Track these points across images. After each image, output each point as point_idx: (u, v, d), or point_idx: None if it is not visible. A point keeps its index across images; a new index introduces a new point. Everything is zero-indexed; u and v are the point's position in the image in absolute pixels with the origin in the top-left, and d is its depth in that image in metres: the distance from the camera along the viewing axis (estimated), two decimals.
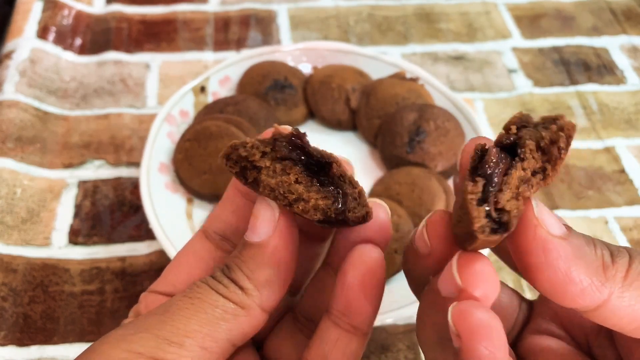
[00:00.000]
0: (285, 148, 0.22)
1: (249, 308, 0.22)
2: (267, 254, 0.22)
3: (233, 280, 0.22)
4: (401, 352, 0.42)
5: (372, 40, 0.67)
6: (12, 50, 0.60)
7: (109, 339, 0.21)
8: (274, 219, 0.23)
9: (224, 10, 0.69)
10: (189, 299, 0.22)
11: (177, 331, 0.21)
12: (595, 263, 0.20)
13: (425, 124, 0.50)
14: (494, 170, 0.19)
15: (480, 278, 0.19)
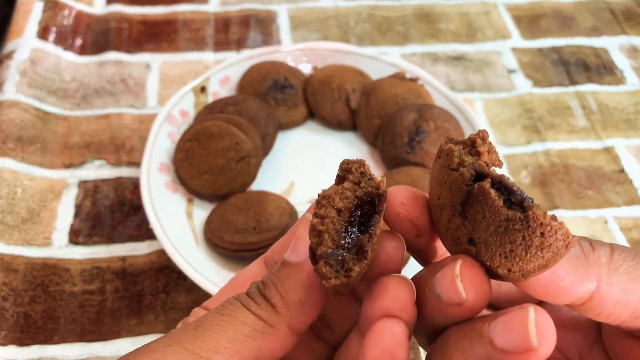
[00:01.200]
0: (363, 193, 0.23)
1: (277, 327, 0.22)
2: (303, 275, 0.23)
3: (265, 297, 0.23)
4: None
5: (372, 40, 0.67)
6: (12, 50, 0.60)
7: (142, 350, 0.22)
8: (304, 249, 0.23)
9: (224, 11, 0.69)
10: (221, 315, 0.22)
11: (207, 347, 0.21)
12: (575, 254, 0.21)
13: (425, 124, 0.50)
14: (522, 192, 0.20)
15: (548, 335, 0.19)
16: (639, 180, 0.54)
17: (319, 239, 0.22)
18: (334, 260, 0.22)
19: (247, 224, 0.43)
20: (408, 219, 0.23)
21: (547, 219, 0.19)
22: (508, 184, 0.20)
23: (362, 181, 0.23)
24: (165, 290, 0.44)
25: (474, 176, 0.21)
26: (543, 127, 0.58)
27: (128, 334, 0.42)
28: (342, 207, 0.23)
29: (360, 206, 0.23)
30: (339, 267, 0.22)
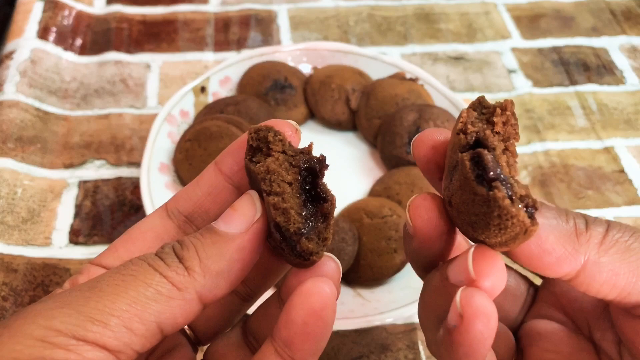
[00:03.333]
0: (303, 162, 0.23)
1: (185, 292, 0.20)
2: (231, 248, 0.21)
3: (180, 258, 0.21)
4: (401, 352, 0.42)
5: (372, 40, 0.67)
6: (12, 50, 0.60)
7: (25, 313, 0.19)
8: (252, 219, 0.22)
9: (224, 11, 0.69)
10: (121, 275, 0.20)
11: (103, 308, 0.19)
12: (567, 232, 0.21)
13: (425, 124, 0.50)
14: (499, 172, 0.20)
15: (491, 272, 0.21)
16: (639, 180, 0.54)
17: (286, 217, 0.22)
18: (314, 234, 0.22)
19: None
20: (435, 162, 0.24)
21: (505, 203, 0.19)
22: (484, 160, 0.20)
23: (287, 149, 0.23)
24: None
25: (472, 144, 0.21)
26: (543, 127, 0.58)
27: None
28: (291, 180, 0.22)
29: (304, 175, 0.23)
30: (318, 240, 0.22)
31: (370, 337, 0.43)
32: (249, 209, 0.22)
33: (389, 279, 0.44)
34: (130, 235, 0.25)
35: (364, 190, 0.49)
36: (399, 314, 0.40)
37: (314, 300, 0.21)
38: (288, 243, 0.22)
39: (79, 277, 0.23)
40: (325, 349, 0.42)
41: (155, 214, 0.25)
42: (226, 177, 0.25)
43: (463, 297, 0.20)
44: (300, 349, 0.21)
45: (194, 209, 0.25)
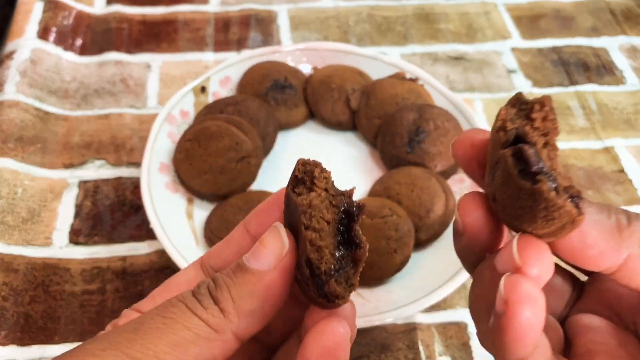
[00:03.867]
0: (343, 204, 0.23)
1: (223, 333, 0.21)
2: (262, 285, 0.22)
3: (215, 299, 0.22)
4: (401, 352, 0.42)
5: (372, 40, 0.67)
6: (13, 50, 0.60)
7: (77, 352, 0.20)
8: (280, 253, 0.22)
9: (225, 11, 0.69)
10: (162, 317, 0.21)
11: (147, 351, 0.20)
12: (609, 227, 0.22)
13: (424, 124, 0.50)
14: (542, 165, 0.21)
15: (538, 260, 0.21)
16: (639, 180, 0.54)
17: (320, 255, 0.21)
18: (343, 278, 0.22)
19: None
20: (476, 160, 0.25)
21: (551, 195, 0.20)
22: (526, 154, 0.21)
23: (330, 188, 0.23)
24: None
25: (512, 140, 0.22)
26: None
27: None
28: (329, 219, 0.22)
29: (341, 216, 0.23)
30: (345, 284, 0.22)
31: (370, 337, 0.43)
32: (276, 243, 0.22)
33: (389, 279, 0.44)
34: (167, 286, 0.26)
35: (364, 190, 0.50)
36: (399, 314, 0.40)
37: (327, 339, 0.21)
38: (316, 281, 0.22)
39: (119, 321, 0.24)
40: None
41: (191, 267, 0.26)
42: (252, 237, 0.26)
43: (507, 284, 0.21)
44: None
45: (223, 265, 0.25)
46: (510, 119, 0.22)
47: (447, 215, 0.45)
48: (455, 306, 0.45)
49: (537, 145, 0.21)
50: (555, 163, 0.21)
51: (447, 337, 0.43)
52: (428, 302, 0.40)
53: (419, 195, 0.46)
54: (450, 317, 0.44)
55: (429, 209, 0.45)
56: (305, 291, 0.23)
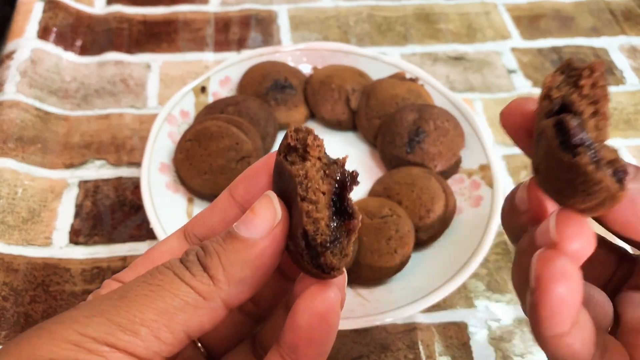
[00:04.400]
0: (337, 174, 0.23)
1: (211, 300, 0.21)
2: (253, 254, 0.21)
3: (204, 266, 0.21)
4: (401, 352, 0.42)
5: (372, 40, 0.67)
6: (13, 50, 0.60)
7: (61, 319, 0.20)
8: (273, 223, 0.22)
9: (225, 11, 0.69)
10: (149, 285, 0.21)
11: (133, 318, 0.20)
12: None
13: (424, 124, 0.50)
14: (584, 137, 0.20)
15: (575, 235, 0.21)
16: None
17: (316, 227, 0.21)
18: (337, 249, 0.22)
19: None
20: (525, 130, 0.24)
21: (590, 169, 0.19)
22: (568, 125, 0.20)
23: (322, 157, 0.23)
24: None
25: (558, 109, 0.21)
26: None
27: None
28: (324, 190, 0.22)
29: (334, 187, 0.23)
30: (340, 255, 0.22)
31: (370, 337, 0.43)
32: (269, 212, 0.22)
33: (389, 279, 0.44)
34: (149, 256, 0.25)
35: (364, 190, 0.50)
36: (399, 314, 0.40)
37: (318, 304, 0.21)
38: (311, 253, 0.21)
39: (101, 292, 0.24)
40: None
41: (174, 237, 0.26)
42: (238, 204, 0.25)
43: (540, 259, 0.21)
44: (305, 353, 0.21)
45: (208, 234, 0.25)
46: (557, 86, 0.21)
47: (447, 215, 0.46)
48: (455, 306, 0.45)
49: (585, 114, 0.20)
50: (603, 134, 0.20)
51: (447, 337, 0.43)
52: (428, 302, 0.40)
53: (419, 196, 0.46)
54: (450, 317, 0.44)
55: (429, 209, 0.45)
56: (298, 261, 0.22)
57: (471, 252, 0.42)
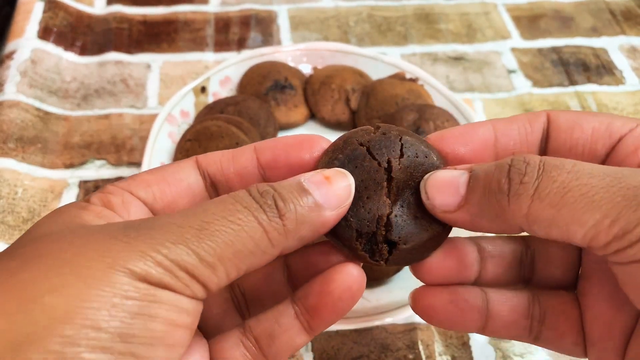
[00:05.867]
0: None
1: (277, 248, 0.21)
2: (320, 220, 0.22)
3: (280, 213, 0.21)
4: (401, 352, 0.42)
5: (372, 40, 0.67)
6: (13, 50, 0.60)
7: (143, 237, 0.19)
8: (344, 200, 0.23)
9: (225, 11, 0.69)
10: (228, 222, 0.20)
11: (214, 254, 0.20)
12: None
13: (424, 124, 0.50)
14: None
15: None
16: None
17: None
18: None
19: None
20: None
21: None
22: None
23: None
24: None
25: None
26: None
27: None
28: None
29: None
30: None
31: (370, 337, 0.43)
32: (345, 190, 0.23)
33: (389, 279, 0.44)
34: (165, 176, 0.25)
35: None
36: (399, 313, 0.40)
37: (352, 279, 0.23)
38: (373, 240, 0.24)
39: (111, 198, 0.23)
40: (325, 349, 0.43)
41: (190, 167, 0.25)
42: (260, 167, 0.25)
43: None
44: (323, 320, 0.23)
45: (222, 180, 0.25)
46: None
47: None
48: None
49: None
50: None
51: (447, 336, 0.43)
52: None
53: None
54: None
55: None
56: (348, 238, 0.24)
57: None
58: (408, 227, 0.24)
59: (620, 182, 0.19)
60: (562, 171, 0.20)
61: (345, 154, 0.24)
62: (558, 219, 0.20)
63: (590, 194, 0.19)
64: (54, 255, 0.18)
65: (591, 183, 0.20)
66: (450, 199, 0.23)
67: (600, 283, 0.24)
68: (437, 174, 0.24)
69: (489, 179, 0.22)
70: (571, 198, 0.20)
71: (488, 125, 0.25)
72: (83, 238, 0.19)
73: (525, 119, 0.25)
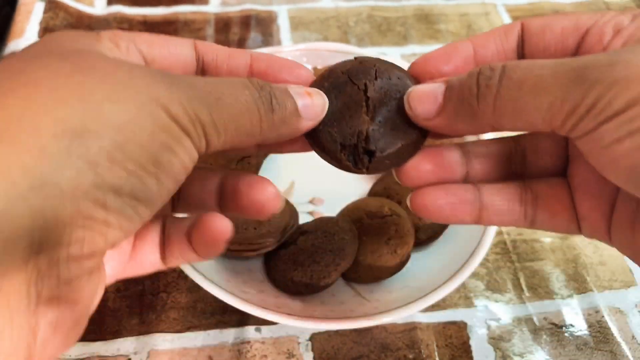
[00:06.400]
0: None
1: (261, 137, 0.25)
2: (293, 125, 0.26)
3: (278, 102, 0.25)
4: (401, 351, 0.42)
5: (372, 41, 0.67)
6: (13, 51, 0.60)
7: (189, 90, 0.22)
8: (319, 115, 0.27)
9: (225, 11, 0.69)
10: (238, 102, 0.23)
11: (223, 122, 0.23)
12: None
13: None
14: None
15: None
16: None
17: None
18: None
19: (247, 223, 0.43)
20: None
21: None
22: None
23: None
24: (166, 290, 0.45)
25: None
26: None
27: (129, 334, 0.42)
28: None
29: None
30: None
31: (370, 337, 0.43)
32: (321, 107, 0.27)
33: (389, 279, 0.44)
34: (167, 44, 0.27)
35: (364, 190, 0.50)
36: (399, 313, 0.40)
37: (216, 225, 0.27)
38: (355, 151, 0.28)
39: (119, 42, 0.25)
40: (325, 349, 0.43)
41: (190, 47, 0.28)
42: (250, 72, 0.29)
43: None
44: (174, 253, 0.28)
45: (212, 71, 0.28)
46: None
47: None
48: (455, 306, 0.45)
49: None
50: None
51: (446, 336, 0.43)
52: (428, 301, 0.40)
53: None
54: (450, 316, 0.44)
55: None
56: (334, 150, 0.28)
57: (470, 252, 0.42)
58: (384, 138, 0.28)
59: (565, 67, 0.22)
60: (518, 69, 0.23)
61: (330, 82, 0.29)
62: (519, 110, 0.23)
63: (541, 83, 0.22)
64: (106, 70, 0.20)
65: (542, 73, 0.22)
66: (430, 107, 0.27)
67: (584, 162, 0.26)
68: (418, 87, 0.27)
69: (461, 86, 0.25)
70: (526, 89, 0.22)
71: (467, 42, 0.29)
72: (131, 68, 0.21)
73: (501, 30, 0.28)
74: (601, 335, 0.44)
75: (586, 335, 0.44)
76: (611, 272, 0.48)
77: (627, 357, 0.42)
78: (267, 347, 0.42)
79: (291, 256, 0.42)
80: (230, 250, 0.43)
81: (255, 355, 0.41)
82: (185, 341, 0.42)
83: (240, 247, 0.42)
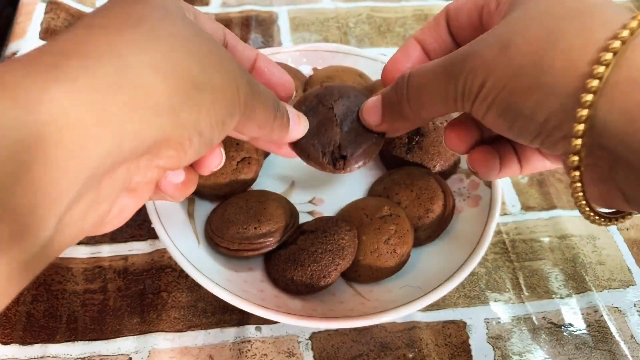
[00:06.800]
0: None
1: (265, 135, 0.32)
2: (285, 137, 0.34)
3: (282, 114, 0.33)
4: (400, 350, 0.42)
5: (372, 41, 0.67)
6: (15, 51, 0.60)
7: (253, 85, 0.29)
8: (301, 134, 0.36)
9: (225, 12, 0.69)
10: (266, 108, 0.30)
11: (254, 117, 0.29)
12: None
13: (424, 125, 0.50)
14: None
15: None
16: None
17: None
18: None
19: (247, 223, 0.43)
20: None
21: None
22: None
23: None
24: (166, 289, 0.45)
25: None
26: None
27: (130, 333, 0.42)
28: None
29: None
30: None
31: (370, 336, 0.43)
32: (303, 130, 0.36)
33: (388, 279, 0.44)
34: (209, 16, 0.32)
35: (364, 190, 0.50)
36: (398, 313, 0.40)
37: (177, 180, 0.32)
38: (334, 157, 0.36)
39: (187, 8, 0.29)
40: (325, 347, 0.43)
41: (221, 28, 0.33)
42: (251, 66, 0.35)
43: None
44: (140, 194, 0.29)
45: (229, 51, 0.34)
46: None
47: (446, 215, 0.46)
48: (454, 305, 0.45)
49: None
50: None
51: (446, 335, 0.43)
52: (427, 301, 0.40)
53: (418, 195, 0.46)
54: (449, 315, 0.44)
55: (428, 208, 0.45)
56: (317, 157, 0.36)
57: (470, 252, 0.42)
58: (351, 144, 0.35)
59: (440, 67, 0.29)
60: (416, 76, 0.30)
61: (306, 105, 0.37)
62: (425, 105, 0.30)
63: (429, 83, 0.29)
64: (209, 46, 0.26)
65: (428, 75, 0.29)
66: (376, 116, 0.34)
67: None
68: (366, 102, 0.35)
69: (389, 97, 0.33)
70: (423, 89, 0.30)
71: (412, 41, 0.34)
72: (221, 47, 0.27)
73: (432, 22, 0.34)
74: (600, 334, 0.44)
75: (585, 335, 0.44)
76: (610, 272, 0.48)
77: (625, 356, 0.43)
78: (268, 346, 0.42)
79: (291, 256, 0.42)
80: (230, 250, 0.43)
81: (255, 354, 0.41)
82: (185, 340, 0.42)
83: (241, 246, 0.43)
